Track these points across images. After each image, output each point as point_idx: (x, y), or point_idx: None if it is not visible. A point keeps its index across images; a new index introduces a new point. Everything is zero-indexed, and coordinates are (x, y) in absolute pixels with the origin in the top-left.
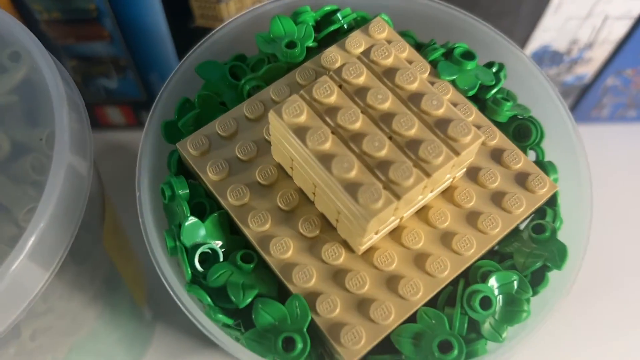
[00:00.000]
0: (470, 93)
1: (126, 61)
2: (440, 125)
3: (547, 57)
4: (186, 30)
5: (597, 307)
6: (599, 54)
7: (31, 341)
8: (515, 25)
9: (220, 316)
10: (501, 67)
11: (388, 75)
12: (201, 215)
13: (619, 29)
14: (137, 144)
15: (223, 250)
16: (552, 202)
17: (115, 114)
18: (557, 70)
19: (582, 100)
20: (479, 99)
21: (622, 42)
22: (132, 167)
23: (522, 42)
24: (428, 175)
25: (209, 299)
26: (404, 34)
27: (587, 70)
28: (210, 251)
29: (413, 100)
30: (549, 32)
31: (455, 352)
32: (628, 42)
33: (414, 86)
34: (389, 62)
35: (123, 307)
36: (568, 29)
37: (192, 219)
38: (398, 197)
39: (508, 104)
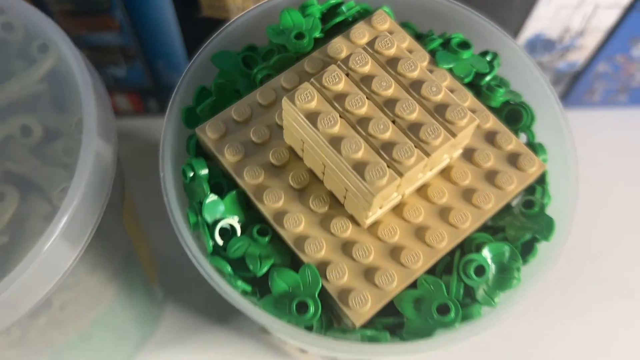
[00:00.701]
0: (467, 80)
1: (135, 51)
2: (439, 110)
3: (541, 45)
4: (193, 21)
5: (581, 277)
6: (590, 42)
7: (61, 311)
8: (509, 14)
9: (239, 283)
10: (495, 56)
11: (391, 64)
12: (219, 194)
13: (609, 18)
14: (143, 130)
15: (240, 225)
16: (541, 180)
17: (122, 102)
18: (550, 57)
19: (574, 85)
20: (475, 86)
21: (612, 30)
22: (139, 153)
23: (516, 30)
24: (428, 155)
25: (229, 268)
26: (404, 25)
27: (578, 57)
28: (228, 226)
29: (414, 87)
30: (542, 20)
31: (452, 314)
32: (618, 30)
33: (414, 74)
34: (391, 52)
35: (138, 285)
36: (560, 17)
37: (212, 196)
38: (401, 174)
39: (501, 90)
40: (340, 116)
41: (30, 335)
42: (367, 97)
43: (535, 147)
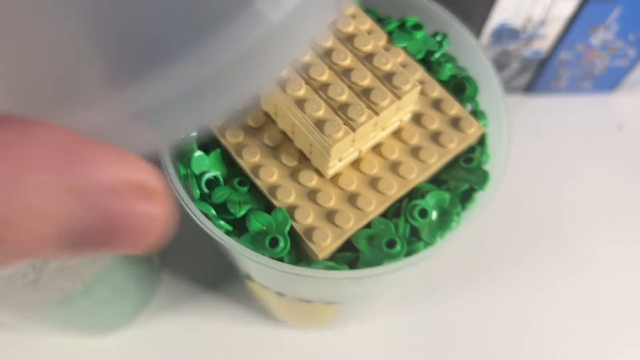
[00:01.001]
0: (419, 57)
1: None
2: (387, 78)
3: (506, 34)
4: None
5: (511, 224)
6: (551, 31)
7: (68, 259)
8: (475, 6)
9: (222, 223)
10: (444, 36)
11: (349, 40)
12: (205, 153)
13: (567, 8)
14: None
15: (223, 177)
16: (481, 142)
17: None
18: (516, 45)
19: (541, 72)
20: (426, 62)
21: (571, 19)
22: None
23: (482, 20)
24: (377, 114)
25: (213, 211)
26: (367, 11)
27: (542, 45)
28: (213, 178)
29: (367, 59)
30: (506, 11)
31: (398, 247)
32: (576, 20)
33: (368, 48)
34: (350, 30)
35: None
36: (522, 8)
37: (199, 152)
38: (354, 129)
39: (448, 65)
40: (305, 82)
41: (43, 280)
42: (328, 67)
43: (477, 114)
